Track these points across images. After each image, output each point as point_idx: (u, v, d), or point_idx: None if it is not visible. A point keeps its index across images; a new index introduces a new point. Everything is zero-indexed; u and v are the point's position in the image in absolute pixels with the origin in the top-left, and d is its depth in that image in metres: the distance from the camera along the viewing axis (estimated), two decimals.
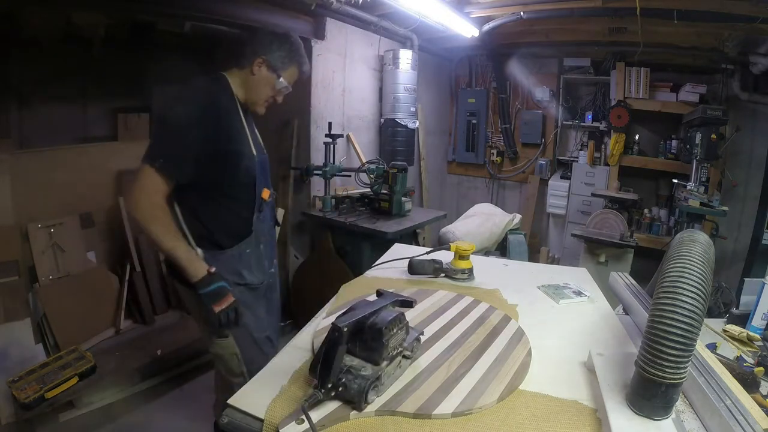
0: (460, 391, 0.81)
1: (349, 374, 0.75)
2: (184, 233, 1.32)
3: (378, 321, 0.79)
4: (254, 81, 1.38)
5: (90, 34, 2.66)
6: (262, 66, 1.38)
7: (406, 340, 0.86)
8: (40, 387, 2.01)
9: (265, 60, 1.37)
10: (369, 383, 0.74)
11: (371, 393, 0.75)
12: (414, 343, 0.90)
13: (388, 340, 0.79)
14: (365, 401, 0.74)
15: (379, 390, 0.78)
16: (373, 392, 0.76)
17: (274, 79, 1.39)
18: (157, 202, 1.22)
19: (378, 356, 0.78)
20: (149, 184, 1.20)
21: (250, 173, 1.39)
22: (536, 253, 4.54)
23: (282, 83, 1.40)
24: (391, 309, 0.85)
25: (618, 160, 4.07)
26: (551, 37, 3.89)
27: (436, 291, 1.29)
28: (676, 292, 0.67)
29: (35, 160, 2.55)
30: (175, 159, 1.23)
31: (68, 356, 2.25)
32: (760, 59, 3.07)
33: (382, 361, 0.78)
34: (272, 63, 1.37)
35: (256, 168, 1.40)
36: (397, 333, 0.82)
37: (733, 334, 1.35)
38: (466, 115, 4.83)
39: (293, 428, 0.70)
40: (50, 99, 2.66)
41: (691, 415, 0.75)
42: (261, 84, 1.39)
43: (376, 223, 2.67)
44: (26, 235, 2.47)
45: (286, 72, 1.41)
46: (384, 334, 0.78)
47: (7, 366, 2.12)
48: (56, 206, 2.64)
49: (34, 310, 2.38)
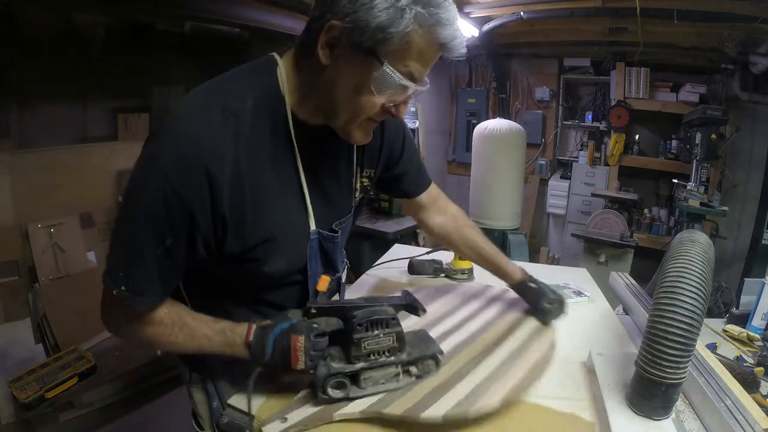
0: (458, 393, 0.76)
1: (323, 359, 0.73)
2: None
3: (358, 315, 0.74)
4: (327, 81, 0.70)
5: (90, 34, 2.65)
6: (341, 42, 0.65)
7: (404, 352, 0.77)
8: (40, 387, 2.00)
9: (337, 28, 0.64)
10: (330, 375, 0.72)
11: (333, 388, 0.72)
12: (428, 363, 0.80)
13: (362, 340, 0.73)
14: (322, 392, 0.72)
15: (350, 390, 0.74)
16: (340, 390, 0.73)
17: (369, 68, 0.66)
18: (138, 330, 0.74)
19: (349, 353, 0.74)
20: (119, 312, 0.72)
21: (294, 265, 0.82)
22: (536, 253, 4.54)
23: (390, 75, 0.65)
24: (384, 310, 0.76)
25: (618, 160, 4.07)
26: (551, 37, 3.89)
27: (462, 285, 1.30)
28: (676, 292, 0.67)
29: (35, 160, 2.55)
30: (143, 282, 0.69)
31: (68, 356, 2.25)
32: (760, 59, 3.07)
33: (354, 361, 0.74)
34: (355, 33, 0.63)
35: (313, 252, 0.83)
36: (380, 337, 0.75)
37: (733, 334, 1.34)
38: (466, 115, 4.83)
39: (275, 426, 0.70)
40: (50, 99, 2.66)
41: (691, 415, 0.75)
42: (341, 84, 0.69)
43: (376, 223, 2.67)
44: (26, 235, 2.47)
45: (396, 48, 0.64)
46: (356, 331, 0.73)
47: (7, 366, 2.12)
48: (56, 206, 2.64)
49: (34, 310, 2.38)
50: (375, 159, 0.93)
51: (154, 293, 0.71)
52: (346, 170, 0.88)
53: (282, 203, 0.76)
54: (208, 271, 0.79)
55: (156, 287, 0.70)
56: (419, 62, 0.67)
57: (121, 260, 0.69)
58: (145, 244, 0.67)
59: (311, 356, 0.71)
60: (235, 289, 0.83)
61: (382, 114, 0.72)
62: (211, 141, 0.66)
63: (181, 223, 0.66)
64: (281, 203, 0.76)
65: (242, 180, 0.69)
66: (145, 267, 0.68)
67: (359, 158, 0.90)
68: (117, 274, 0.68)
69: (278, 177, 0.75)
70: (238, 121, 0.68)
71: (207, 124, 0.66)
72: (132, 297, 0.68)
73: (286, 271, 0.82)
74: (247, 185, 0.69)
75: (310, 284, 0.85)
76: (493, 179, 3.60)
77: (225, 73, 0.74)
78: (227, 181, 0.67)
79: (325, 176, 0.83)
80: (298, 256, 0.82)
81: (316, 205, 0.81)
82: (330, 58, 0.67)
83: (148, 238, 0.66)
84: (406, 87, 0.68)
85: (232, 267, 0.77)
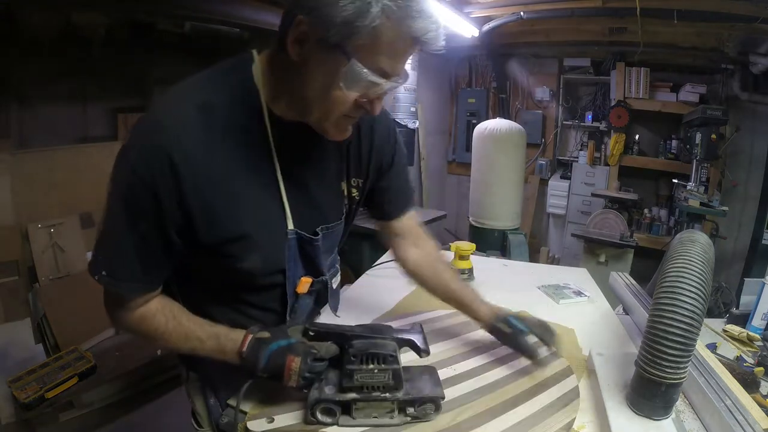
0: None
1: (317, 381, 0.73)
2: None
3: (355, 346, 0.72)
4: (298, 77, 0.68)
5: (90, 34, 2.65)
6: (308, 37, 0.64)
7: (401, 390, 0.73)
8: (40, 387, 2.00)
9: (304, 24, 0.63)
10: (320, 400, 0.71)
11: (322, 414, 0.72)
12: (427, 406, 0.75)
13: (355, 373, 0.71)
14: (311, 414, 0.71)
15: (340, 419, 0.72)
16: (329, 416, 0.72)
17: (337, 63, 0.63)
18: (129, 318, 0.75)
19: (341, 381, 0.72)
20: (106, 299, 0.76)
21: (272, 264, 0.80)
22: (536, 253, 4.54)
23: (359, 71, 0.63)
24: (384, 344, 0.73)
25: (618, 160, 4.07)
26: (551, 37, 3.89)
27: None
28: (676, 292, 0.67)
29: (35, 160, 2.55)
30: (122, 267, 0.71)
31: (68, 356, 2.25)
32: (760, 59, 3.07)
33: (346, 391, 0.72)
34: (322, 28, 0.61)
35: (291, 253, 0.81)
36: (374, 372, 0.71)
37: (733, 334, 1.34)
38: (466, 115, 4.83)
39: (261, 424, 0.71)
40: (50, 99, 2.66)
41: (691, 415, 0.75)
42: (311, 80, 0.67)
43: None
44: (26, 235, 2.47)
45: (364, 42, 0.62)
46: (350, 362, 0.71)
47: (7, 366, 2.12)
48: (56, 206, 2.64)
49: (34, 310, 2.38)
50: (364, 166, 0.90)
51: (136, 280, 0.71)
52: (333, 174, 0.86)
53: (258, 200, 0.75)
54: (192, 269, 0.79)
55: (137, 275, 0.71)
56: (390, 57, 0.64)
57: (101, 246, 0.72)
58: (120, 229, 0.69)
59: (305, 377, 0.71)
60: (217, 289, 0.82)
61: (357, 110, 0.70)
62: (178, 133, 0.66)
63: (149, 209, 0.67)
64: (257, 200, 0.75)
65: (214, 174, 0.68)
66: (122, 252, 0.69)
67: (346, 163, 0.87)
68: (97, 259, 0.71)
69: (255, 173, 0.74)
70: (213, 116, 0.68)
71: (178, 118, 0.67)
72: (112, 282, 0.70)
73: (264, 270, 0.79)
74: (219, 179, 0.69)
75: (289, 286, 0.84)
76: (493, 179, 3.60)
77: (202, 71, 0.74)
78: (194, 174, 0.66)
79: (307, 176, 0.81)
80: (276, 255, 0.80)
81: (296, 205, 0.79)
82: (300, 54, 0.65)
83: (121, 223, 0.68)
84: (378, 83, 0.65)
85: (211, 263, 0.76)
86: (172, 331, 0.75)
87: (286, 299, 0.85)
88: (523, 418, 0.75)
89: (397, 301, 1.22)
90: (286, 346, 0.71)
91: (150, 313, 0.75)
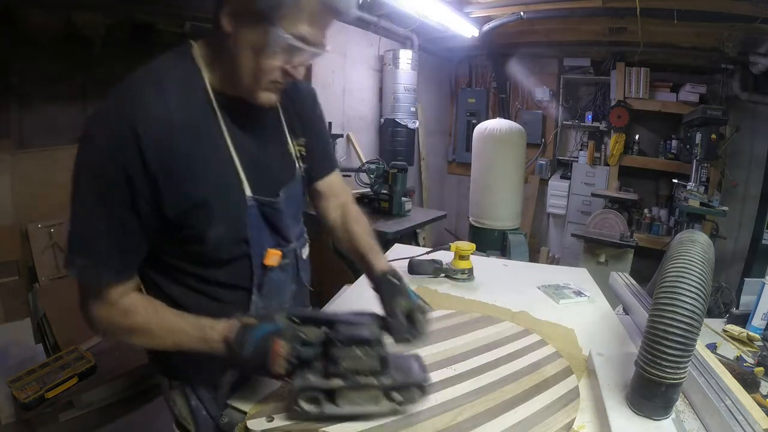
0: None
1: (302, 369, 0.71)
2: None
3: (340, 331, 0.71)
4: (230, 48, 0.74)
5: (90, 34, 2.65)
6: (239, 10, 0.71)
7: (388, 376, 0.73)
8: (40, 387, 2.00)
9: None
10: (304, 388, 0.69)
11: (306, 402, 0.70)
12: (413, 391, 0.74)
13: (341, 359, 0.70)
14: (295, 403, 0.70)
15: (325, 407, 0.70)
16: (314, 405, 0.70)
17: (263, 32, 0.71)
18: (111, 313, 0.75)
19: (326, 369, 0.70)
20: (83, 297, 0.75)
21: (235, 232, 0.82)
22: (536, 253, 4.55)
23: (281, 36, 0.70)
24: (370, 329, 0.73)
25: (618, 160, 4.07)
26: (551, 37, 3.90)
27: (502, 321, 1.11)
28: (676, 292, 0.67)
29: (35, 160, 2.55)
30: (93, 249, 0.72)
31: (68, 356, 2.25)
32: (760, 59, 3.07)
33: (332, 377, 0.70)
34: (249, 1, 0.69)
35: (252, 219, 0.83)
36: (360, 357, 0.71)
37: (733, 334, 1.35)
38: (466, 115, 4.83)
39: (260, 423, 0.70)
40: (50, 99, 2.66)
41: (691, 415, 0.75)
42: (242, 49, 0.73)
43: (376, 223, 2.67)
44: (26, 235, 2.47)
45: (286, 12, 0.70)
46: (335, 347, 0.70)
47: (7, 366, 2.12)
48: (56, 206, 2.63)
49: (34, 310, 2.38)
50: (306, 127, 0.98)
51: (113, 265, 0.72)
52: (279, 138, 0.93)
53: (213, 169, 0.78)
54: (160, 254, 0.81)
55: (113, 258, 0.72)
56: (311, 25, 0.72)
57: (74, 235, 0.72)
58: (91, 211, 0.71)
59: (292, 363, 0.70)
60: (185, 272, 0.83)
61: (284, 76, 0.77)
62: (136, 108, 0.71)
63: (119, 183, 0.69)
64: (213, 170, 0.78)
65: (173, 144, 0.73)
66: (96, 234, 0.71)
67: (289, 126, 0.94)
68: (72, 249, 0.72)
69: (208, 145, 0.78)
70: (166, 93, 0.74)
71: (136, 96, 0.73)
72: (90, 269, 0.71)
73: (228, 239, 0.81)
74: (178, 150, 0.73)
75: (254, 257, 0.85)
76: (493, 179, 3.61)
77: (149, 62, 0.80)
78: (156, 142, 0.70)
79: (256, 144, 0.85)
80: (238, 222, 0.82)
81: (251, 171, 0.83)
82: (233, 26, 0.72)
83: (92, 204, 0.71)
84: (301, 49, 0.73)
85: (178, 241, 0.78)
86: (157, 325, 0.75)
87: (247, 273, 0.85)
88: (523, 418, 0.75)
89: None
90: (274, 331, 0.71)
91: (134, 307, 0.75)
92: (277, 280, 0.90)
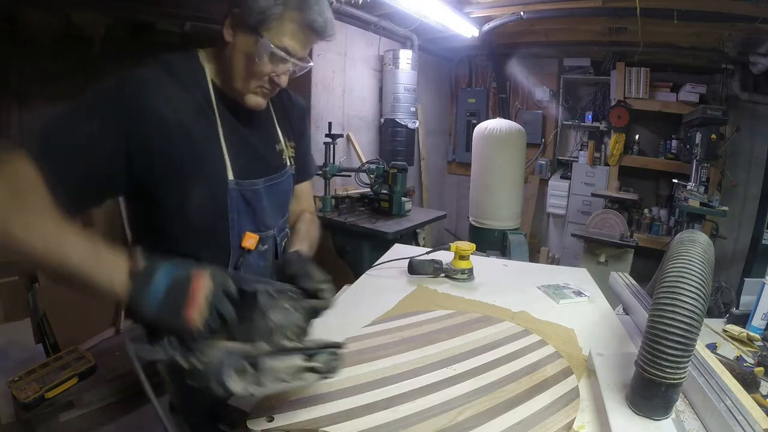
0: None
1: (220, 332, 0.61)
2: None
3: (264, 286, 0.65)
4: (228, 54, 0.87)
5: (90, 34, 2.66)
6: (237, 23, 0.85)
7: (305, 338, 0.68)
8: (40, 387, 2.00)
9: (235, 14, 0.85)
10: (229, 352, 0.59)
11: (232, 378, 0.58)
12: (329, 357, 0.67)
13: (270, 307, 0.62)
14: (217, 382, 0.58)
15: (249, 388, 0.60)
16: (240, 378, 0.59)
17: (253, 42, 0.83)
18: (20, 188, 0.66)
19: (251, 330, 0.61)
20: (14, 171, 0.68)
21: (214, 207, 0.88)
22: (536, 253, 4.55)
23: (267, 46, 0.83)
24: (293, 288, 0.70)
25: (618, 160, 4.07)
26: (551, 37, 3.90)
27: (502, 321, 1.11)
28: (676, 292, 0.67)
29: None
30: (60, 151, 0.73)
31: (68, 356, 2.25)
32: (760, 59, 3.07)
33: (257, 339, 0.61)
34: (245, 16, 0.83)
35: (233, 201, 0.89)
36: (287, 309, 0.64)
37: (733, 334, 1.35)
38: (466, 115, 4.84)
39: (260, 423, 0.70)
40: (50, 99, 2.66)
41: (691, 415, 0.75)
42: (236, 56, 0.86)
43: (376, 223, 2.67)
44: None
45: (273, 27, 0.83)
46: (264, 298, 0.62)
47: (7, 366, 2.12)
48: None
49: (34, 310, 2.38)
50: (295, 132, 1.10)
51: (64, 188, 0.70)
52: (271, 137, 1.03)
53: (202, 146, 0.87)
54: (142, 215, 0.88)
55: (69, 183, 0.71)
56: (293, 40, 0.86)
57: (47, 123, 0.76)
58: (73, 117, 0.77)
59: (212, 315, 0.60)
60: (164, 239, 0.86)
61: (271, 84, 0.89)
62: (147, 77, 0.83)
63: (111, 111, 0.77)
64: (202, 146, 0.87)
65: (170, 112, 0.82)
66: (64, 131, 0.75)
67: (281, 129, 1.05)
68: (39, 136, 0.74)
69: (200, 126, 0.87)
70: (173, 76, 0.85)
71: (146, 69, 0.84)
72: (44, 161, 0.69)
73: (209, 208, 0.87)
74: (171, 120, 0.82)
75: (233, 237, 0.91)
76: (493, 179, 3.61)
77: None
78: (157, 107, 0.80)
79: (248, 137, 0.95)
80: (218, 197, 0.88)
81: (237, 156, 0.91)
82: (231, 36, 0.86)
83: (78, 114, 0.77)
84: (284, 59, 0.86)
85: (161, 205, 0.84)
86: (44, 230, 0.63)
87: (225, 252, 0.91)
88: (523, 418, 0.75)
89: (397, 301, 1.22)
90: (196, 268, 0.63)
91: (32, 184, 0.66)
92: (255, 265, 0.96)
